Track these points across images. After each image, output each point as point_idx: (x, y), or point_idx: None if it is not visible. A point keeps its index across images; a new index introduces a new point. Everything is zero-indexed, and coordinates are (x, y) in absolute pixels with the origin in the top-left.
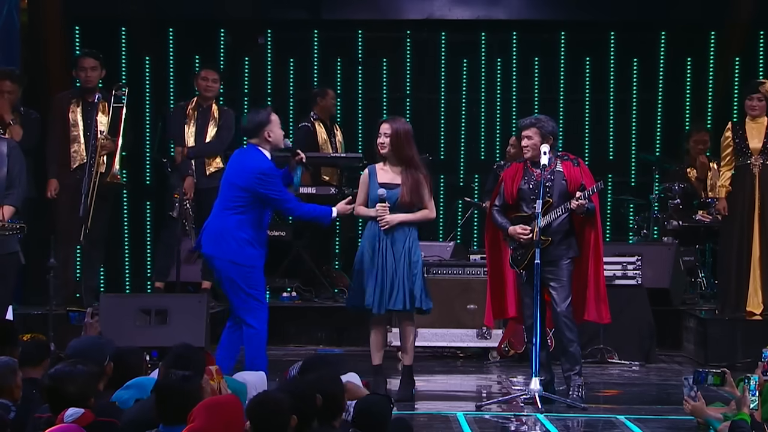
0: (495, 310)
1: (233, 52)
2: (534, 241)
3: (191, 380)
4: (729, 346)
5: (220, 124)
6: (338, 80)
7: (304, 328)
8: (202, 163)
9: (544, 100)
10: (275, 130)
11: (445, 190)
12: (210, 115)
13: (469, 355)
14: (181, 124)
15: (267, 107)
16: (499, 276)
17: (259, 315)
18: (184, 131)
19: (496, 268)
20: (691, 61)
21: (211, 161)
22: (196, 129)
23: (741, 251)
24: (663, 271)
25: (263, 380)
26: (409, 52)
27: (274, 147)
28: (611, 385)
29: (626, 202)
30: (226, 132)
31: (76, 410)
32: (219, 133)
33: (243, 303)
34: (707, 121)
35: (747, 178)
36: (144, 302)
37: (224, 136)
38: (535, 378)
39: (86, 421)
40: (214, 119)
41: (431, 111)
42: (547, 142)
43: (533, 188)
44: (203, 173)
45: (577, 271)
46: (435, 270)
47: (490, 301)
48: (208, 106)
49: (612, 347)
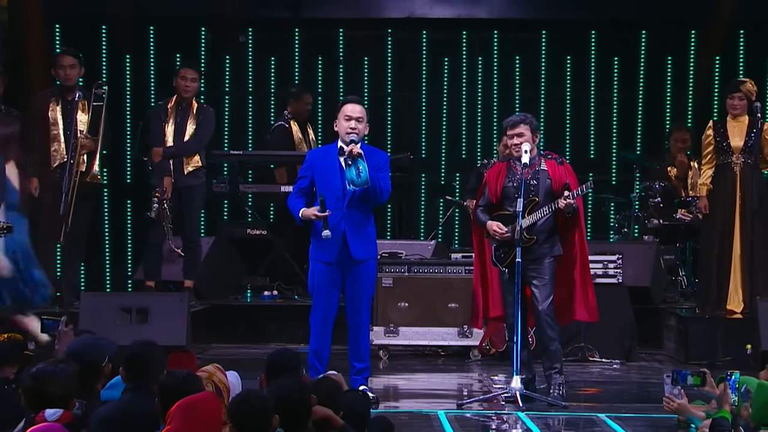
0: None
1: (214, 50)
2: (515, 240)
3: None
4: (709, 344)
5: (199, 122)
6: (319, 79)
7: (286, 326)
8: (180, 162)
9: (525, 99)
10: (340, 122)
11: (426, 189)
12: (189, 113)
13: (451, 354)
14: (161, 123)
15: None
16: (486, 277)
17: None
18: (163, 130)
19: (483, 269)
20: (672, 60)
21: (190, 160)
22: (175, 127)
23: (721, 250)
24: (644, 269)
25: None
26: (390, 51)
27: (341, 139)
28: (592, 383)
29: (607, 201)
30: (204, 130)
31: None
32: (197, 131)
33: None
34: (688, 119)
35: (728, 177)
36: (125, 301)
37: (202, 135)
38: (516, 376)
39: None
40: (193, 117)
41: (412, 109)
42: (535, 138)
43: (517, 187)
44: (181, 172)
45: (563, 271)
46: (416, 269)
47: (480, 303)
48: (187, 105)
49: (593, 345)
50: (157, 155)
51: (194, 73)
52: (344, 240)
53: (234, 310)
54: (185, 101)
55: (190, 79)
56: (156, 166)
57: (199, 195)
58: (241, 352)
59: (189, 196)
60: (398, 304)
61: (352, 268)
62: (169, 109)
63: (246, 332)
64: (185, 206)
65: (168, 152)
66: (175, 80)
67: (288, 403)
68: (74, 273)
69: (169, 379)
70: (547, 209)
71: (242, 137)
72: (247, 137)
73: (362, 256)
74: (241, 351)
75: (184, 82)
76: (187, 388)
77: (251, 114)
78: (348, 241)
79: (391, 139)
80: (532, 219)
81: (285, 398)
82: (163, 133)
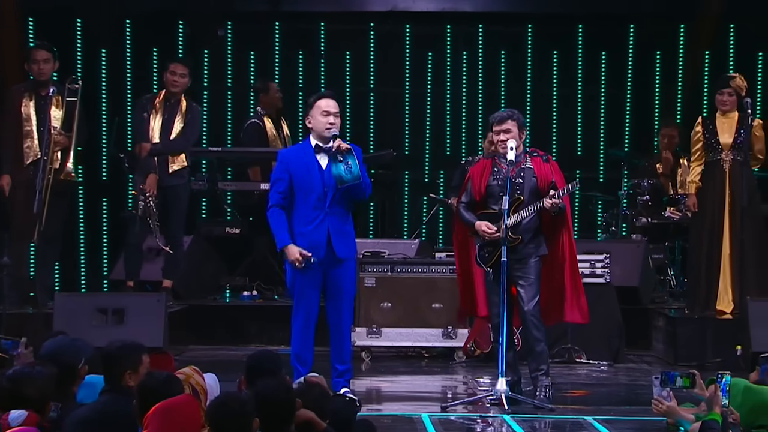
0: (466, 308)
1: (192, 44)
2: (501, 239)
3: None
4: (699, 345)
5: (186, 121)
6: (300, 73)
7: (266, 327)
8: (165, 160)
9: (511, 94)
10: (316, 118)
11: (409, 187)
12: (178, 110)
13: (435, 355)
14: (146, 118)
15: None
16: (468, 274)
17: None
18: (148, 125)
19: (466, 267)
20: (661, 55)
21: (175, 158)
22: (162, 123)
23: (711, 249)
24: (632, 269)
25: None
26: (373, 45)
27: (318, 135)
28: (579, 385)
29: (594, 199)
30: (192, 129)
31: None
32: (184, 129)
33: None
34: (677, 115)
35: (717, 174)
36: (100, 301)
37: (190, 134)
38: (502, 378)
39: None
40: (181, 114)
41: (395, 105)
42: (522, 135)
43: (502, 185)
44: (166, 171)
45: (550, 271)
46: (399, 268)
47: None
48: (176, 101)
49: (580, 347)
50: (144, 150)
51: (184, 68)
52: (328, 239)
53: (212, 311)
54: (174, 97)
55: (179, 74)
56: (139, 162)
57: (183, 195)
58: (220, 353)
59: (173, 196)
60: (381, 304)
61: (334, 268)
62: (157, 103)
63: (225, 333)
64: (169, 206)
65: (155, 149)
66: (164, 75)
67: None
68: (48, 273)
69: (148, 380)
70: (532, 208)
71: (221, 134)
72: (225, 134)
73: (345, 254)
74: (219, 353)
75: (173, 77)
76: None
77: (230, 110)
78: (332, 240)
79: (374, 136)
80: (517, 218)
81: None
82: (148, 128)
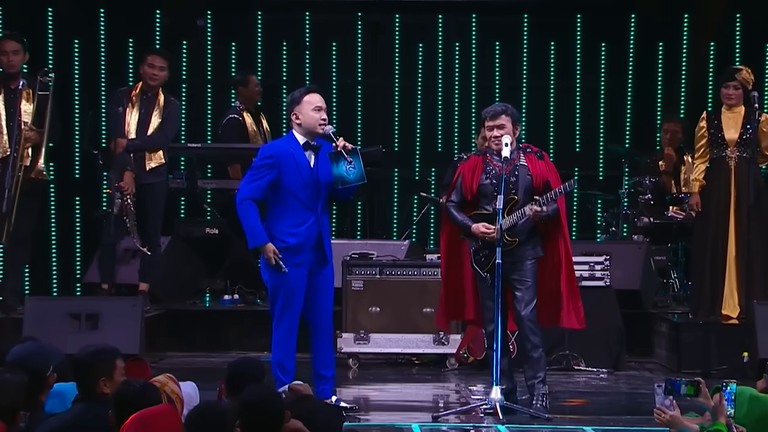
0: (450, 312)
1: (170, 35)
2: (496, 239)
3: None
4: (703, 351)
5: (164, 116)
6: (284, 66)
7: (247, 333)
8: (142, 156)
9: (506, 88)
10: (307, 113)
11: (399, 185)
12: (155, 104)
13: (426, 362)
14: (122, 112)
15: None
16: (456, 275)
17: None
18: (124, 120)
19: (453, 267)
20: (664, 46)
21: (152, 155)
22: (140, 118)
23: (716, 250)
24: (633, 271)
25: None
26: (361, 36)
27: (308, 131)
28: (577, 393)
29: (594, 198)
30: (171, 125)
31: None
32: (163, 125)
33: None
34: (680, 110)
35: (722, 172)
36: (73, 306)
37: (168, 129)
38: (496, 387)
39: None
40: (159, 109)
41: (384, 99)
42: (516, 131)
43: (495, 184)
44: (143, 168)
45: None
46: (388, 271)
47: (444, 301)
48: (153, 95)
49: (578, 353)
50: (119, 146)
51: (163, 60)
52: (319, 241)
53: (191, 316)
54: (151, 90)
55: (158, 67)
56: (115, 158)
57: (160, 193)
58: (199, 360)
59: (150, 195)
60: (369, 308)
61: (322, 270)
62: (133, 97)
63: (204, 339)
64: (146, 205)
65: (132, 145)
66: (141, 67)
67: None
68: (18, 276)
69: (125, 389)
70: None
71: (200, 129)
72: (205, 129)
73: (331, 257)
74: (198, 359)
75: (151, 70)
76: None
77: (210, 104)
78: (324, 241)
79: (362, 131)
80: (513, 220)
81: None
82: (124, 123)
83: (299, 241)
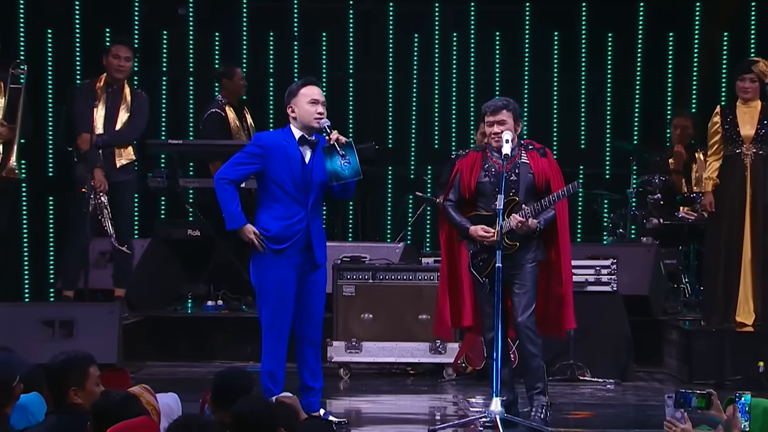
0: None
1: (150, 24)
2: (496, 241)
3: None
4: (716, 361)
5: (133, 110)
6: (270, 57)
7: (232, 341)
8: (111, 153)
9: (506, 81)
10: (302, 107)
11: (393, 184)
12: (122, 97)
13: (421, 372)
14: (88, 107)
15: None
16: (455, 279)
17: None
18: (91, 115)
19: (452, 271)
20: (674, 36)
21: (122, 152)
22: (106, 113)
23: (730, 253)
24: (641, 276)
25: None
26: (352, 26)
27: (303, 126)
28: (582, 405)
29: (600, 198)
30: (140, 119)
31: None
32: (132, 120)
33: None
34: (692, 104)
35: (737, 170)
36: (46, 312)
37: (138, 124)
38: (496, 398)
39: None
40: (126, 103)
41: (378, 93)
42: (518, 127)
43: (494, 182)
44: (112, 165)
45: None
46: (382, 275)
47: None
48: (119, 87)
49: (583, 363)
50: (86, 142)
51: (128, 50)
52: (308, 242)
53: (172, 323)
54: (117, 83)
55: (123, 57)
56: (84, 155)
57: (131, 192)
58: (181, 370)
59: (121, 193)
60: (361, 315)
61: (312, 274)
62: (98, 90)
63: (186, 348)
64: (116, 205)
65: (101, 141)
66: (106, 58)
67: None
68: None
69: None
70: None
71: (182, 124)
72: (187, 124)
73: (322, 260)
74: (180, 369)
75: (116, 61)
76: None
77: (192, 98)
78: (313, 243)
79: (354, 127)
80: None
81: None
82: (92, 118)
83: (284, 233)
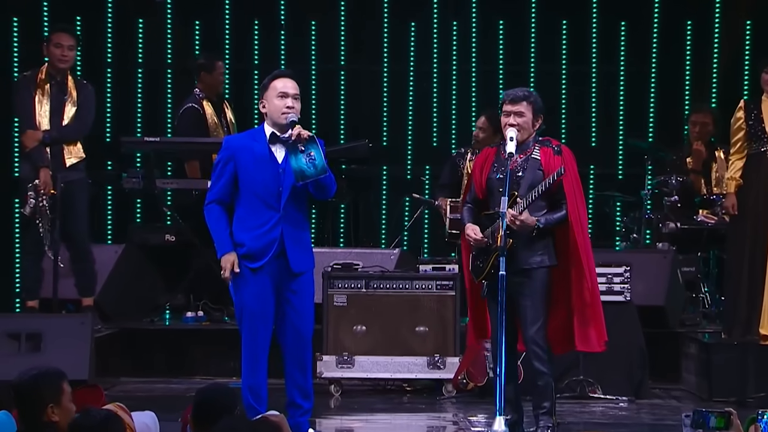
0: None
1: (125, 12)
2: (498, 247)
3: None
4: (738, 376)
5: (79, 102)
6: (255, 48)
7: (214, 355)
8: (59, 151)
9: (511, 73)
10: (271, 102)
11: (388, 185)
12: (66, 90)
13: (419, 389)
14: (31, 101)
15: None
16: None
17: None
18: (34, 109)
19: None
20: (693, 25)
21: (71, 149)
22: (51, 107)
23: (754, 259)
24: (657, 284)
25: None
26: (344, 14)
27: (273, 122)
28: (593, 425)
29: (612, 200)
30: (88, 112)
31: None
32: (79, 113)
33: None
34: (711, 99)
35: (762, 170)
36: (11, 324)
37: (86, 117)
38: (500, 417)
39: None
40: (71, 96)
41: (372, 86)
42: (537, 122)
43: (502, 180)
44: (61, 164)
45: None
46: (376, 284)
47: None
48: (62, 79)
49: (594, 379)
50: (32, 139)
51: (71, 38)
52: (281, 249)
53: (149, 335)
54: (60, 74)
55: (66, 46)
56: (27, 154)
57: (83, 192)
58: (158, 387)
59: (72, 194)
60: (353, 327)
61: (290, 283)
62: (39, 82)
63: (163, 362)
64: (69, 207)
65: (49, 137)
66: (47, 48)
67: None
68: None
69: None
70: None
71: (159, 121)
72: (165, 121)
73: (302, 267)
74: (157, 386)
75: (59, 51)
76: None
77: (170, 92)
78: (287, 250)
79: (345, 124)
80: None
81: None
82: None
83: (257, 244)
